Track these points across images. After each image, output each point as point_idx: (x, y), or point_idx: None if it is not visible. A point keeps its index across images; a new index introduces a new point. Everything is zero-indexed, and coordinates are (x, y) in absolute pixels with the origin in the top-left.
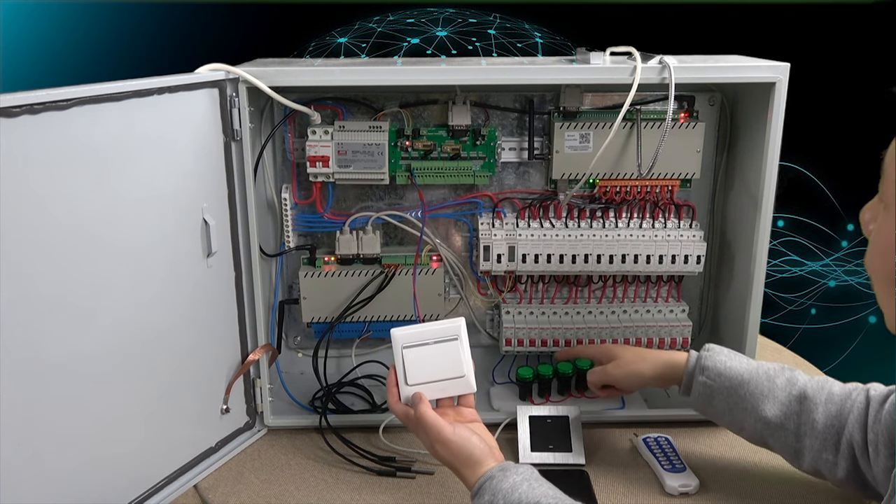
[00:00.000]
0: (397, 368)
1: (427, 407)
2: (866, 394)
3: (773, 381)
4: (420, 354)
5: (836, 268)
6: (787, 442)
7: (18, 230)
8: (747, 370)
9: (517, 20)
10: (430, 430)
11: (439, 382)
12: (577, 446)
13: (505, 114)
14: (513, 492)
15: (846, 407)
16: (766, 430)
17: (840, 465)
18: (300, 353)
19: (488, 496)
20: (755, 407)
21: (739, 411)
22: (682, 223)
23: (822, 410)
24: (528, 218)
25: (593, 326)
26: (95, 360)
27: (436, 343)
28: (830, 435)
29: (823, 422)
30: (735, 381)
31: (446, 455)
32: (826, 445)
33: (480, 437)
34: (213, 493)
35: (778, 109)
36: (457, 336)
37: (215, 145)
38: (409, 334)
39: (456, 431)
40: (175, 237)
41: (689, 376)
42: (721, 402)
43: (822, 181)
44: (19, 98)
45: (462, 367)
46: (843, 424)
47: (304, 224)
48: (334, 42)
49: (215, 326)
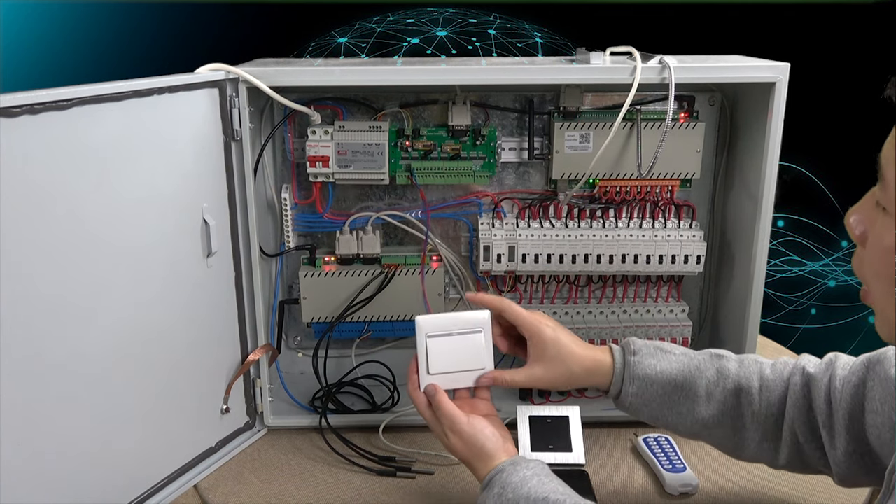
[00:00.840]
0: (419, 356)
1: (444, 396)
2: (802, 373)
3: (705, 378)
4: (443, 344)
5: (836, 268)
6: (725, 437)
7: (18, 230)
8: (678, 370)
9: (517, 20)
10: (445, 419)
11: (460, 373)
12: (577, 446)
13: (505, 114)
14: (522, 486)
15: (782, 393)
16: (703, 430)
17: (782, 452)
18: (300, 353)
19: (498, 489)
20: (690, 410)
21: (674, 416)
22: (682, 223)
23: (758, 401)
24: (528, 218)
25: (593, 326)
26: (95, 360)
27: (460, 334)
28: (770, 424)
29: (762, 412)
30: (668, 386)
31: (459, 446)
32: (766, 435)
33: (494, 430)
34: (213, 493)
35: (778, 109)
36: (482, 328)
37: (215, 145)
38: (434, 323)
39: (470, 422)
40: (175, 237)
41: (618, 385)
42: (654, 408)
43: (822, 181)
44: (19, 98)
45: (483, 360)
46: (781, 412)
47: (304, 224)
48: (334, 42)
49: (215, 326)
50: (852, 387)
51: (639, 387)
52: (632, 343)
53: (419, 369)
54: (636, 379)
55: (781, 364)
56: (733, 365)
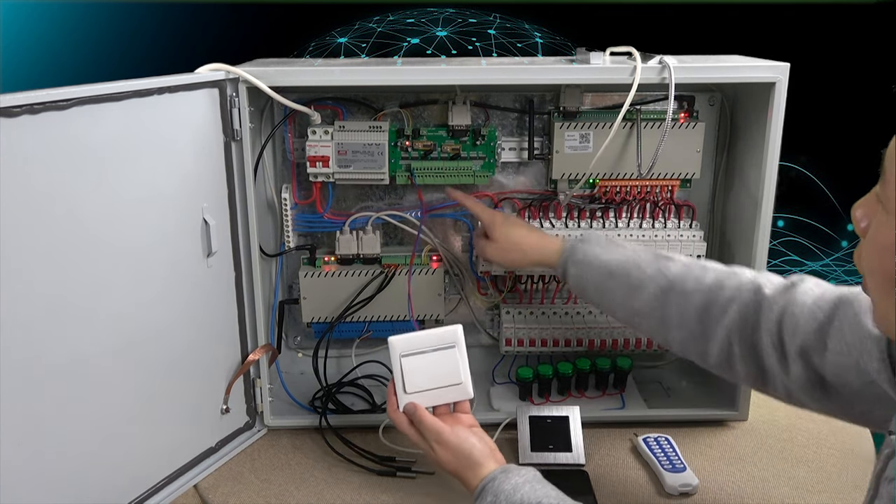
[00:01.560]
0: (395, 377)
1: (425, 412)
2: (757, 291)
3: (643, 272)
4: (418, 362)
5: (836, 268)
6: (653, 329)
7: (18, 230)
8: (617, 262)
9: (517, 20)
10: (430, 433)
11: (437, 390)
12: (577, 446)
13: (505, 114)
14: (514, 493)
15: (720, 298)
16: (634, 318)
17: (712, 352)
18: (300, 353)
19: (490, 497)
20: (623, 297)
21: (608, 300)
22: (682, 223)
23: (686, 302)
24: (529, 218)
25: (593, 326)
26: (95, 360)
27: (433, 351)
28: (696, 327)
29: (690, 314)
30: (604, 272)
31: (447, 457)
32: (693, 336)
33: (480, 439)
34: (213, 493)
35: (778, 109)
36: (454, 343)
37: (215, 145)
38: (407, 342)
39: (455, 432)
40: (175, 237)
41: (563, 266)
42: (592, 290)
43: (822, 181)
44: (19, 98)
45: (460, 375)
46: (718, 316)
47: (304, 224)
48: (334, 42)
49: (215, 326)
50: (817, 322)
51: (579, 269)
52: (589, 234)
53: (396, 390)
54: (577, 263)
55: (734, 274)
56: (676, 266)
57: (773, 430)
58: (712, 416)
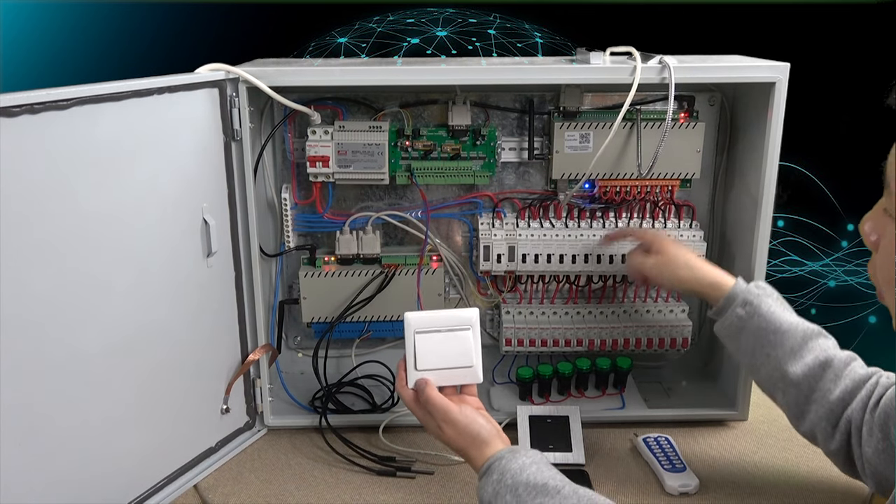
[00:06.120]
0: (407, 352)
1: (434, 390)
2: (878, 379)
3: (806, 341)
4: (431, 341)
5: (836, 268)
6: (796, 401)
7: (18, 230)
8: (787, 322)
9: (517, 20)
10: (437, 411)
11: (447, 370)
12: (577, 446)
13: (505, 114)
14: (521, 472)
15: (860, 387)
16: (780, 383)
17: (836, 437)
18: (300, 353)
19: (497, 475)
20: (779, 357)
21: (762, 356)
22: (682, 223)
23: (840, 384)
24: (528, 218)
25: (593, 326)
26: (95, 360)
27: (448, 331)
28: (838, 408)
29: (837, 394)
30: (771, 326)
31: (453, 435)
32: (830, 416)
33: (487, 420)
34: (213, 493)
35: (778, 109)
36: (469, 326)
37: (215, 145)
38: (423, 319)
39: (463, 411)
40: (175, 237)
41: (728, 302)
42: (748, 340)
43: (822, 181)
44: (19, 98)
45: (472, 357)
46: (850, 402)
47: (304, 224)
48: (334, 42)
49: (215, 326)
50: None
51: (747, 312)
52: (764, 284)
53: (406, 366)
54: (748, 305)
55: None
56: (836, 348)
57: (773, 430)
58: (712, 416)
